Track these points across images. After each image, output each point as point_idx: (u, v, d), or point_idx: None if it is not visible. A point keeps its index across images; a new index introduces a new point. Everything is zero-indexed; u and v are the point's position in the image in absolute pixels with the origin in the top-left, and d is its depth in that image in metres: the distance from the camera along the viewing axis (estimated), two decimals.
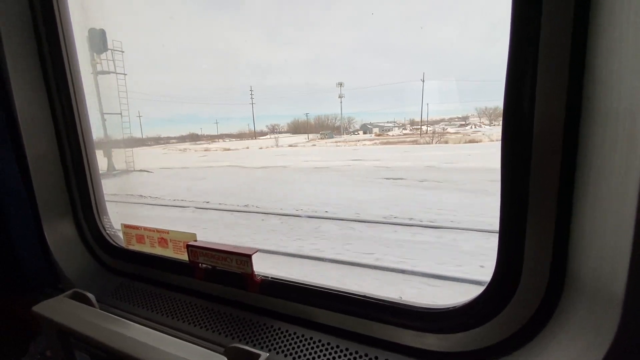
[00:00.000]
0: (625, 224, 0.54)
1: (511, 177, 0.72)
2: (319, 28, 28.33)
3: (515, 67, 0.67)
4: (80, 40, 1.45)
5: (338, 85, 24.12)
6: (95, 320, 0.96)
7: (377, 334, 0.92)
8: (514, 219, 0.73)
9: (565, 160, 0.66)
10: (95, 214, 1.47)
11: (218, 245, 1.10)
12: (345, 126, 28.32)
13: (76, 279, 1.38)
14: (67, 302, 1.07)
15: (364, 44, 42.32)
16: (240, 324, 1.06)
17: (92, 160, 1.47)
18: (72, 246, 1.46)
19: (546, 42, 0.64)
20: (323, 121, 31.28)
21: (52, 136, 1.42)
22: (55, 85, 1.39)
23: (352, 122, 31.45)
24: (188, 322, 1.12)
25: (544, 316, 0.73)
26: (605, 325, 0.60)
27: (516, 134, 0.69)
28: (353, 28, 35.40)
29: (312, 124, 31.33)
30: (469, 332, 0.81)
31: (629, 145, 0.53)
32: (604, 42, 0.58)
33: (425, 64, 33.30)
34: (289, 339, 0.98)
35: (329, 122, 31.14)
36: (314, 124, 31.52)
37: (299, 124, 31.02)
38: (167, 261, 1.28)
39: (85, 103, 1.46)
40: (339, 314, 0.97)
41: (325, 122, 31.35)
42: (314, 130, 30.53)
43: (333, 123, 30.76)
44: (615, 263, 0.57)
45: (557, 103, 0.65)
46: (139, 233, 1.35)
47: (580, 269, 0.67)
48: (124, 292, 1.32)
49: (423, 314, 0.87)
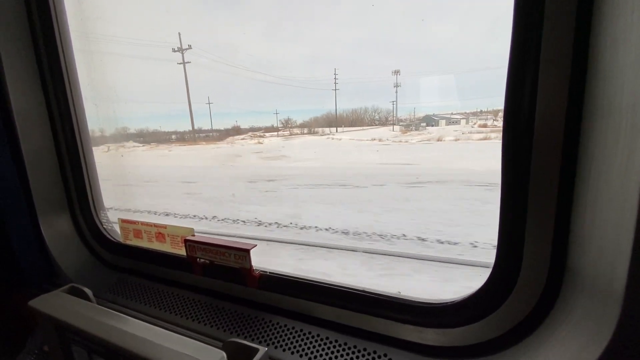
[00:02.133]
0: (625, 219, 0.54)
1: (512, 172, 0.71)
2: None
3: (517, 63, 0.66)
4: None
5: (394, 74, 21.53)
6: (92, 314, 0.96)
7: (376, 328, 0.92)
8: (514, 213, 0.73)
9: (565, 156, 0.66)
10: (92, 208, 1.46)
11: (216, 240, 1.09)
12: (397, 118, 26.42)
13: (73, 274, 1.38)
14: (64, 297, 1.06)
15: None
16: (238, 318, 1.06)
17: (89, 154, 1.46)
18: (69, 241, 1.45)
19: (548, 38, 0.63)
20: (359, 115, 29.97)
21: (47, 130, 1.41)
22: (50, 79, 1.37)
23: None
24: (186, 317, 1.12)
25: (542, 311, 0.73)
26: (604, 321, 0.60)
27: (517, 129, 0.68)
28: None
29: (348, 118, 29.80)
30: (467, 327, 0.81)
31: (631, 141, 0.53)
32: (606, 38, 0.57)
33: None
34: (287, 333, 0.98)
35: (369, 115, 29.69)
36: (350, 118, 30.01)
37: (330, 117, 29.82)
38: (164, 256, 1.27)
39: (82, 96, 1.45)
40: (338, 308, 0.97)
41: (364, 115, 29.97)
42: (347, 124, 28.88)
43: (372, 116, 29.44)
44: (615, 259, 0.57)
45: (558, 99, 0.64)
46: (137, 228, 1.34)
47: (579, 264, 0.67)
48: (122, 287, 1.31)
49: (421, 308, 0.87)
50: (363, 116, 26.58)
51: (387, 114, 25.51)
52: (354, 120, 26.74)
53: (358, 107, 27.20)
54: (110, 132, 6.21)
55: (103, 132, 4.95)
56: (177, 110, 27.83)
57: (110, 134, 6.19)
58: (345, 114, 27.26)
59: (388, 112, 25.26)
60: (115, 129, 7.84)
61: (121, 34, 14.31)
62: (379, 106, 26.35)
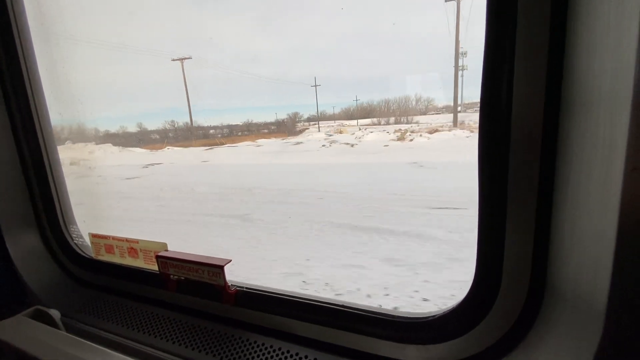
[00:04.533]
0: (606, 231, 0.52)
1: (489, 184, 0.68)
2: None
3: (491, 67, 0.63)
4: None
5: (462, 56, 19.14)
6: (56, 343, 0.90)
7: (356, 345, 0.89)
8: (492, 226, 0.70)
9: (544, 166, 0.63)
10: (61, 223, 1.39)
11: (188, 255, 1.04)
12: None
13: (42, 292, 1.30)
14: (27, 322, 1.00)
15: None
16: (214, 337, 1.01)
17: (56, 166, 1.38)
18: (37, 258, 1.37)
19: (523, 39, 0.60)
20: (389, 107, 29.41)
21: (11, 141, 1.33)
22: (11, 87, 1.29)
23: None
24: (160, 337, 1.06)
25: (524, 326, 0.71)
26: (587, 336, 0.57)
27: (494, 140, 0.65)
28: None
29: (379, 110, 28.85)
30: (448, 343, 0.79)
31: (609, 151, 0.50)
32: (583, 40, 0.54)
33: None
34: (264, 352, 0.94)
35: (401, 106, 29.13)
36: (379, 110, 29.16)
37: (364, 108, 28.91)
38: (137, 272, 1.21)
39: (46, 104, 1.37)
40: (317, 325, 0.93)
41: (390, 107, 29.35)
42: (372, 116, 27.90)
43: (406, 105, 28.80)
44: (596, 272, 0.55)
45: (535, 105, 0.61)
46: (108, 243, 1.28)
47: (560, 279, 0.64)
48: (93, 305, 1.25)
49: (402, 324, 0.84)
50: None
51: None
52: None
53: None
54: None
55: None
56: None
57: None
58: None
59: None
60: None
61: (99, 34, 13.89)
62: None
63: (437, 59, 32.96)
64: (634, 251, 0.49)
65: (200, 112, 25.57)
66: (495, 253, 0.71)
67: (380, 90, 35.10)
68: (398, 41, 43.86)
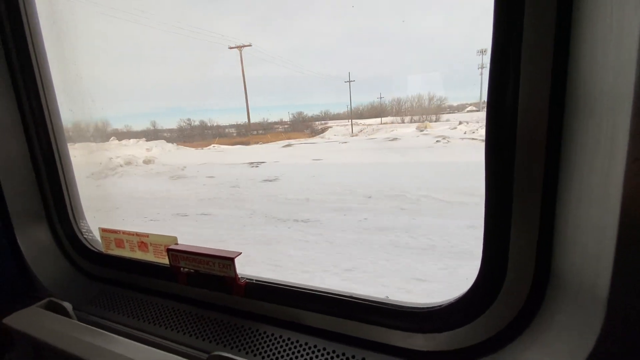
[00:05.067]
0: (608, 222, 0.54)
1: (495, 177, 0.71)
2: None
3: (498, 68, 0.66)
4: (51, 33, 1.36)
5: (480, 53, 18.52)
6: (71, 331, 0.92)
7: (365, 335, 0.91)
8: (498, 218, 0.73)
9: (548, 160, 0.66)
10: (71, 217, 1.41)
11: (199, 248, 1.06)
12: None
13: (53, 286, 1.33)
14: (41, 313, 1.02)
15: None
16: (225, 328, 1.04)
17: (66, 161, 1.41)
18: (48, 252, 1.39)
19: (529, 41, 0.62)
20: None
21: (21, 137, 1.35)
22: (23, 84, 1.31)
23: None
24: (171, 328, 1.09)
25: (528, 315, 0.73)
26: (589, 325, 0.60)
27: (500, 135, 0.68)
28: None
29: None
30: (454, 331, 0.81)
31: (611, 144, 0.53)
32: (586, 40, 0.57)
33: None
34: (274, 342, 0.96)
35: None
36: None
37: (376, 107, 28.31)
38: (148, 266, 1.24)
39: (57, 101, 1.39)
40: (326, 315, 0.96)
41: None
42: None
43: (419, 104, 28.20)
44: (599, 262, 0.57)
45: (540, 103, 0.64)
46: (118, 237, 1.30)
47: (564, 269, 0.67)
48: (103, 298, 1.27)
49: (409, 313, 0.86)
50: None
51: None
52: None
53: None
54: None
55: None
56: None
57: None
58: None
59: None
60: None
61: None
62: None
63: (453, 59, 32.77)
64: (635, 242, 0.51)
65: (209, 111, 25.69)
66: (500, 244, 0.73)
67: (392, 89, 35.03)
68: (404, 42, 43.88)
